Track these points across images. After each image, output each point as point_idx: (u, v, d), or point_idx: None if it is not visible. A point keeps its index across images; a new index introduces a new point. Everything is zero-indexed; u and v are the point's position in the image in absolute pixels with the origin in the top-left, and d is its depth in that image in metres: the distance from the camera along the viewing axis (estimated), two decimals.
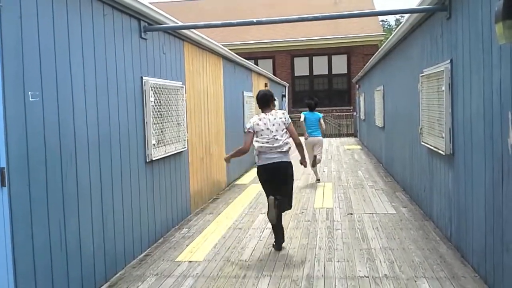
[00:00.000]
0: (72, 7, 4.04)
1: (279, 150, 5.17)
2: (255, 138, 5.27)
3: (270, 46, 24.77)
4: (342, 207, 7.39)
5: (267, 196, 5.22)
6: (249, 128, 5.29)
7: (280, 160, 5.18)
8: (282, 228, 5.46)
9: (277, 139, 5.16)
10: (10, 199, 3.22)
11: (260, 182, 5.40)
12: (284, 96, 22.02)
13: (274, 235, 5.39)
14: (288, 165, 5.27)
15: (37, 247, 3.49)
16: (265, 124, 5.21)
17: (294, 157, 5.55)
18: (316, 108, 10.00)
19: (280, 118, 5.22)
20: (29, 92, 3.44)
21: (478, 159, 4.31)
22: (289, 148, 5.29)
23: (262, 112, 5.37)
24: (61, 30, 3.87)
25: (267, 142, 5.17)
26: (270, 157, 5.18)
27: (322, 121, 9.84)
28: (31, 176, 3.44)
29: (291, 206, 5.41)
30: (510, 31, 3.06)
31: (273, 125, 5.19)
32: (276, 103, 18.73)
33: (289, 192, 5.35)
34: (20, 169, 3.34)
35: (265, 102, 5.39)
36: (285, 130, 5.24)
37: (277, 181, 5.21)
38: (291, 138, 5.31)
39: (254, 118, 5.32)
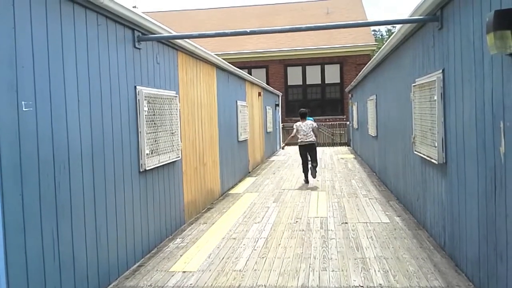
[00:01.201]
0: (66, 18, 4.05)
1: (307, 138, 10.69)
2: (297, 134, 10.82)
3: (264, 55, 24.86)
4: (336, 216, 7.40)
5: (302, 162, 10.98)
6: (294, 127, 10.97)
7: (308, 143, 10.71)
8: (315, 171, 10.92)
9: (307, 134, 10.67)
10: (3, 208, 3.20)
11: (299, 152, 10.98)
12: (277, 105, 22.07)
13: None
14: (312, 143, 10.73)
15: (30, 256, 3.46)
16: (302, 126, 10.76)
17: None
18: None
19: (310, 124, 10.77)
20: (23, 102, 3.43)
21: (471, 168, 4.33)
22: (314, 138, 10.75)
23: (301, 120, 10.89)
24: (55, 40, 3.87)
25: (302, 135, 10.70)
26: (303, 141, 10.72)
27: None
28: (24, 185, 3.42)
29: (317, 164, 10.93)
30: (501, 42, 3.10)
31: (306, 127, 10.73)
32: (270, 111, 18.89)
33: (315, 154, 10.79)
34: (13, 178, 3.32)
35: (302, 115, 10.97)
36: (312, 130, 10.71)
37: (307, 150, 10.75)
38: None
39: (298, 123, 10.91)
